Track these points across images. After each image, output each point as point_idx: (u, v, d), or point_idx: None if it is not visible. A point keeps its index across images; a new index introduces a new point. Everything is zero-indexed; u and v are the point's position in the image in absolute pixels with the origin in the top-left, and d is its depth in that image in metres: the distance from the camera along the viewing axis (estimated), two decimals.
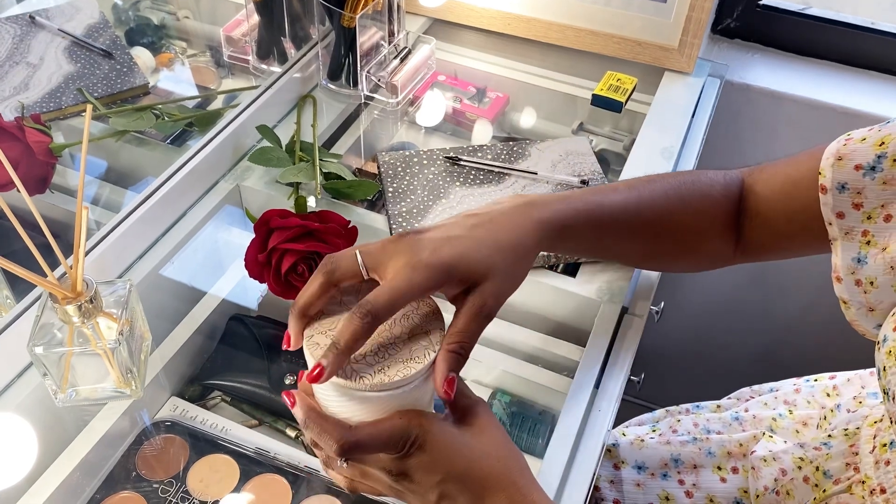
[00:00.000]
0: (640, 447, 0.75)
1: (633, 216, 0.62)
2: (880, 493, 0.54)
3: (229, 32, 0.97)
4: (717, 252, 0.67)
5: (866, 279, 0.55)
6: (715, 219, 0.65)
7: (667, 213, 0.64)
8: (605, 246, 0.65)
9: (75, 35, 0.93)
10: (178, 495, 0.65)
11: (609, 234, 0.62)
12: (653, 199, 0.63)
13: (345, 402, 0.49)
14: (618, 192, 0.62)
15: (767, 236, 0.64)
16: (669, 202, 0.64)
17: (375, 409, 0.49)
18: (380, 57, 0.96)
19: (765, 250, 0.66)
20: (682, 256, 0.68)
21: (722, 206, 0.65)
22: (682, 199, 0.64)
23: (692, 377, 1.47)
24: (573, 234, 0.59)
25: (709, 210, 0.65)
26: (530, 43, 1.05)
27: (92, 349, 0.62)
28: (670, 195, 0.64)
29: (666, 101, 0.97)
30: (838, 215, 0.57)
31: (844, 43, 1.10)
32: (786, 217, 0.62)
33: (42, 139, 0.76)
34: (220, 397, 0.75)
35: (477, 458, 0.48)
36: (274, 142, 0.85)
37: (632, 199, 0.62)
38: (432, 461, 0.48)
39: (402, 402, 0.49)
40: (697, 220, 0.65)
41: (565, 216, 0.58)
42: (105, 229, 0.73)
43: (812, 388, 0.80)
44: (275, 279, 0.70)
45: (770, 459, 0.67)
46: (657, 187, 0.64)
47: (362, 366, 0.48)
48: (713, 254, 0.67)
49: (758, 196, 0.65)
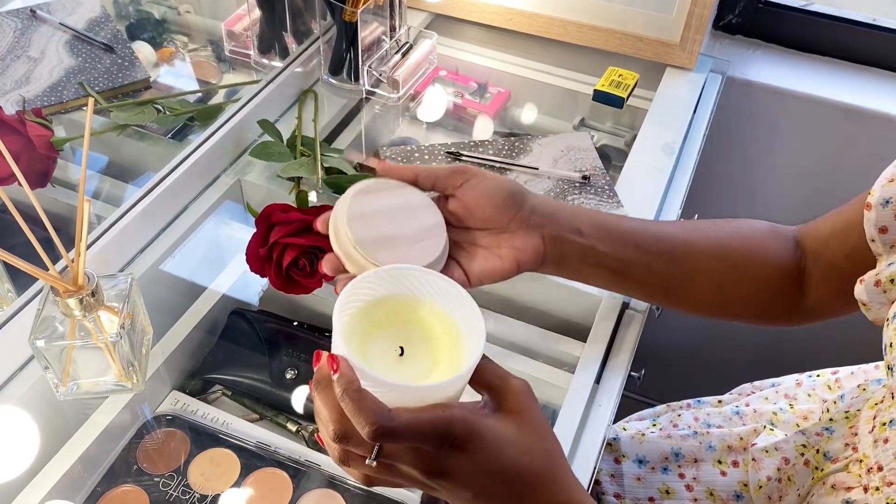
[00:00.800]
0: (641, 441, 0.75)
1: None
2: (877, 471, 0.54)
3: (231, 27, 0.96)
4: (776, 291, 0.65)
5: (886, 278, 0.55)
6: (765, 253, 0.64)
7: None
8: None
9: (76, 29, 0.93)
10: (179, 489, 0.65)
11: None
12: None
13: (378, 391, 0.45)
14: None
15: (834, 279, 0.63)
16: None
17: (411, 402, 0.45)
18: (381, 52, 0.96)
19: (835, 297, 0.64)
20: (731, 288, 0.66)
21: (773, 241, 0.65)
22: (722, 227, 0.65)
23: (693, 373, 1.47)
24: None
25: (757, 240, 0.65)
26: (532, 38, 1.05)
27: (93, 342, 0.62)
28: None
29: (667, 97, 0.97)
30: (881, 230, 0.56)
31: (846, 39, 1.10)
32: (844, 254, 0.61)
33: (43, 133, 0.76)
34: (221, 391, 0.75)
35: (520, 455, 0.46)
36: (275, 136, 0.84)
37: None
38: (474, 462, 0.45)
39: (439, 396, 0.46)
40: (744, 246, 0.65)
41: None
42: (106, 223, 0.73)
43: (814, 382, 0.80)
44: (276, 273, 0.70)
45: (772, 450, 0.67)
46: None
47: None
48: (772, 291, 0.65)
49: (815, 240, 0.64)
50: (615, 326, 0.73)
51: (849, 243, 0.61)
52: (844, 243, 0.61)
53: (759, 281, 0.65)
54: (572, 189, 0.83)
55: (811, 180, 1.18)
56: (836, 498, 0.57)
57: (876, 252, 0.57)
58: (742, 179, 1.21)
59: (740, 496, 0.70)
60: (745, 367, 1.38)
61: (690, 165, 0.91)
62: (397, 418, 0.43)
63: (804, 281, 0.65)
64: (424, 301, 0.50)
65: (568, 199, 0.82)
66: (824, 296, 0.64)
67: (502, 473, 0.45)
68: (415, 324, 0.50)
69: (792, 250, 0.65)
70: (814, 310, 0.65)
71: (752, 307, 0.67)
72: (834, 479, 0.59)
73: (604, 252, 0.61)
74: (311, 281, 0.69)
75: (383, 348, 0.49)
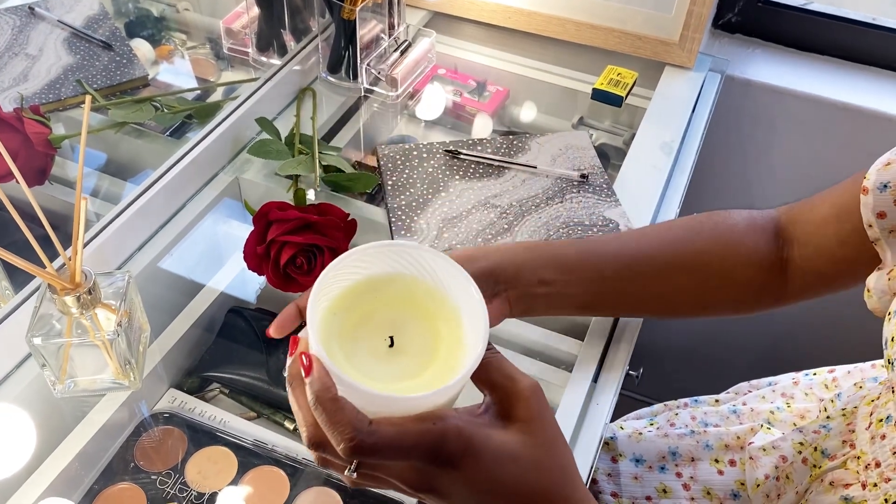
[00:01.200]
0: (638, 440, 0.75)
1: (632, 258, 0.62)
2: (875, 467, 0.54)
3: (229, 24, 0.96)
4: (758, 288, 0.64)
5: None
6: (743, 252, 0.63)
7: (681, 249, 0.63)
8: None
9: (75, 26, 0.93)
10: (177, 487, 0.65)
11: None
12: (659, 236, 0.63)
13: (356, 397, 0.39)
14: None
15: (823, 264, 0.62)
16: (681, 236, 0.63)
17: (396, 411, 0.40)
18: (380, 50, 0.96)
19: (821, 281, 0.63)
20: (712, 294, 0.65)
21: (751, 237, 0.63)
22: (698, 233, 0.63)
23: (691, 372, 1.47)
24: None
25: (733, 241, 0.63)
26: (531, 36, 1.05)
27: (90, 340, 0.62)
28: (678, 232, 0.63)
29: (666, 96, 0.97)
30: (879, 215, 0.56)
31: (846, 39, 1.10)
32: (838, 240, 0.60)
33: (41, 130, 0.76)
34: (219, 389, 0.75)
35: (526, 472, 0.40)
36: (273, 134, 0.84)
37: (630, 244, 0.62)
38: (470, 480, 0.39)
39: (429, 405, 0.40)
40: (721, 252, 0.63)
41: None
42: (104, 221, 0.73)
43: (811, 381, 0.80)
44: (274, 271, 0.70)
45: (770, 448, 0.67)
46: (660, 227, 0.63)
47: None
48: (753, 290, 0.64)
49: (805, 226, 0.63)
50: (613, 325, 0.73)
51: (844, 229, 0.60)
52: (839, 230, 0.60)
53: (738, 283, 0.64)
54: (570, 188, 0.83)
55: (809, 179, 1.17)
56: (834, 495, 0.57)
57: (872, 237, 0.57)
58: (740, 178, 1.21)
59: (737, 495, 0.70)
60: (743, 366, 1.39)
61: (689, 164, 0.91)
62: (378, 433, 0.37)
63: (786, 269, 0.64)
64: (422, 282, 0.44)
65: (566, 197, 0.82)
66: (810, 281, 0.64)
67: (504, 492, 0.40)
68: (409, 309, 0.44)
69: (772, 242, 0.64)
70: (794, 294, 0.65)
71: (734, 305, 0.67)
72: (832, 476, 0.59)
73: (571, 294, 0.61)
74: (309, 279, 0.69)
75: (371, 338, 0.43)
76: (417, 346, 0.43)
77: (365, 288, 0.44)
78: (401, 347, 0.43)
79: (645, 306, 0.66)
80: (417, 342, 0.43)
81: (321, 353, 0.39)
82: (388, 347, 0.43)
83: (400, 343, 0.43)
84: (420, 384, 0.42)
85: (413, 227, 0.78)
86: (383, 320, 0.44)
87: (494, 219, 0.79)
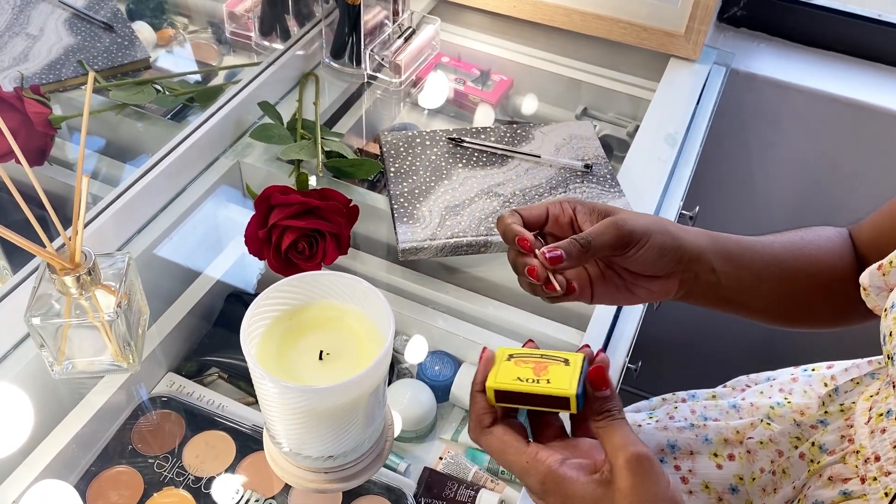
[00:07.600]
0: (637, 433, 0.75)
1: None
2: (874, 461, 0.54)
3: (232, 8, 0.96)
4: (856, 301, 0.64)
5: (888, 261, 0.55)
6: (848, 263, 0.65)
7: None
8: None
9: (76, 7, 0.92)
10: (174, 471, 0.64)
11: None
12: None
13: (290, 396, 0.49)
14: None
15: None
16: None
17: (327, 403, 0.50)
18: (383, 36, 0.95)
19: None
20: (834, 301, 0.66)
21: (847, 251, 0.65)
22: (810, 241, 0.65)
23: (690, 366, 1.47)
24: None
25: (841, 252, 0.65)
26: (535, 26, 1.04)
27: (89, 321, 0.61)
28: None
29: (671, 88, 0.97)
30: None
31: (851, 34, 1.10)
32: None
33: (41, 110, 0.75)
34: (217, 374, 0.75)
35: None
36: (276, 119, 0.84)
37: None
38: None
39: (344, 393, 0.49)
40: (833, 262, 0.65)
41: None
42: (104, 202, 0.72)
43: (809, 377, 0.80)
44: (275, 256, 0.69)
45: (767, 442, 0.67)
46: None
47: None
48: (853, 302, 0.64)
49: (870, 235, 0.65)
50: (614, 317, 0.73)
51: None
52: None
53: (839, 295, 0.65)
54: (574, 178, 0.82)
55: (812, 174, 1.17)
56: (833, 490, 0.57)
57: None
58: (744, 171, 1.21)
59: (736, 489, 0.69)
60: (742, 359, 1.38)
61: (693, 156, 0.91)
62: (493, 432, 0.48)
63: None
64: (337, 304, 0.54)
65: (570, 187, 0.81)
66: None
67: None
68: (334, 327, 0.54)
69: (855, 256, 0.66)
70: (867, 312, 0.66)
71: (832, 319, 0.69)
72: (831, 471, 0.59)
73: (726, 286, 0.61)
74: (310, 264, 0.69)
75: (304, 354, 0.52)
76: (347, 354, 0.53)
77: (291, 316, 0.54)
78: (331, 358, 0.52)
79: (768, 309, 0.66)
80: (347, 351, 0.53)
81: (253, 363, 0.48)
82: (318, 361, 0.52)
83: (331, 356, 0.52)
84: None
85: (415, 215, 0.77)
86: (315, 340, 0.53)
87: (497, 207, 0.78)
